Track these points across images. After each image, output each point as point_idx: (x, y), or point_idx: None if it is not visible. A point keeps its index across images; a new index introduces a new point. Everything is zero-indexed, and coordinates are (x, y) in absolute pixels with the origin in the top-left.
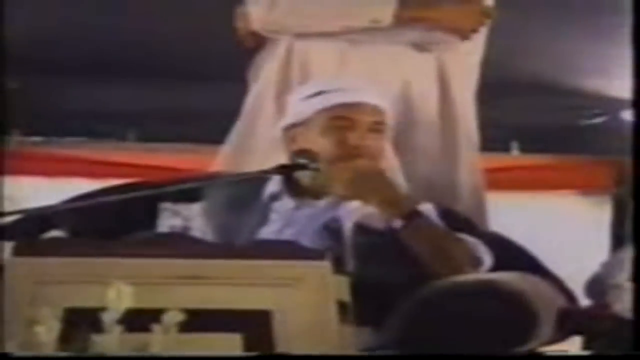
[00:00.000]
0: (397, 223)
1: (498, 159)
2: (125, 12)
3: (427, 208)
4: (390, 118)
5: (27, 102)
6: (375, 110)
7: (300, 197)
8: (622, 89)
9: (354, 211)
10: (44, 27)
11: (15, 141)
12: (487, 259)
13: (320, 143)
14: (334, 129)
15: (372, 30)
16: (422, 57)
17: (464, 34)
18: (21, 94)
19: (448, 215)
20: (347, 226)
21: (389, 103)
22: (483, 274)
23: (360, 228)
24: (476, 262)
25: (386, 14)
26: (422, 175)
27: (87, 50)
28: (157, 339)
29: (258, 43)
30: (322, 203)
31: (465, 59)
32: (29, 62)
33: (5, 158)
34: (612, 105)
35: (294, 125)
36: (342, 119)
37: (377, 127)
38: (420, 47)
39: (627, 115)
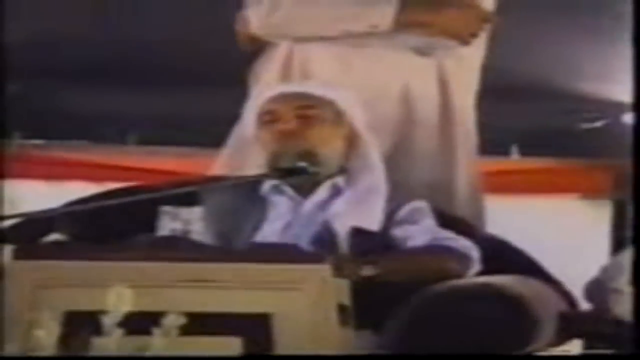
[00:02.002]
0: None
1: (498, 163)
2: (125, 17)
3: (422, 206)
4: (327, 103)
5: (27, 106)
6: (298, 96)
7: (295, 199)
8: (622, 92)
9: (343, 213)
10: (44, 31)
11: (16, 144)
12: (473, 255)
13: (265, 141)
14: (263, 124)
15: (372, 35)
16: (422, 62)
17: (464, 39)
18: (22, 98)
19: (445, 219)
20: (339, 229)
21: (326, 89)
22: (483, 278)
23: (356, 231)
24: (462, 267)
25: (386, 18)
26: (421, 178)
27: (87, 54)
28: (158, 343)
29: (258, 47)
30: (310, 205)
31: (465, 64)
32: (30, 66)
33: (5, 161)
34: (611, 108)
35: (252, 140)
36: (266, 113)
37: (303, 113)
38: (420, 51)
39: (627, 118)
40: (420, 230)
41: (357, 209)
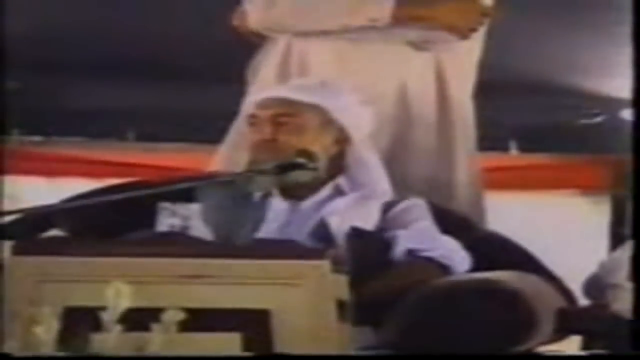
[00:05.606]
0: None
1: (497, 159)
2: (124, 12)
3: (417, 203)
4: (305, 111)
5: (26, 102)
6: (277, 102)
7: (293, 196)
8: (621, 88)
9: (341, 212)
10: (44, 27)
11: (15, 140)
12: (454, 264)
13: (247, 147)
14: (246, 127)
15: (371, 29)
16: (420, 56)
17: (463, 33)
18: (21, 94)
19: (444, 215)
20: (335, 227)
21: (312, 95)
22: (481, 273)
23: (352, 231)
24: (441, 271)
25: (384, 12)
26: (420, 174)
27: (86, 49)
28: (157, 338)
29: (256, 42)
30: (309, 204)
31: (464, 58)
32: (29, 62)
33: (5, 157)
34: (610, 104)
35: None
36: (249, 116)
37: (279, 120)
38: (418, 46)
39: (626, 114)
40: (404, 236)
41: (355, 208)
